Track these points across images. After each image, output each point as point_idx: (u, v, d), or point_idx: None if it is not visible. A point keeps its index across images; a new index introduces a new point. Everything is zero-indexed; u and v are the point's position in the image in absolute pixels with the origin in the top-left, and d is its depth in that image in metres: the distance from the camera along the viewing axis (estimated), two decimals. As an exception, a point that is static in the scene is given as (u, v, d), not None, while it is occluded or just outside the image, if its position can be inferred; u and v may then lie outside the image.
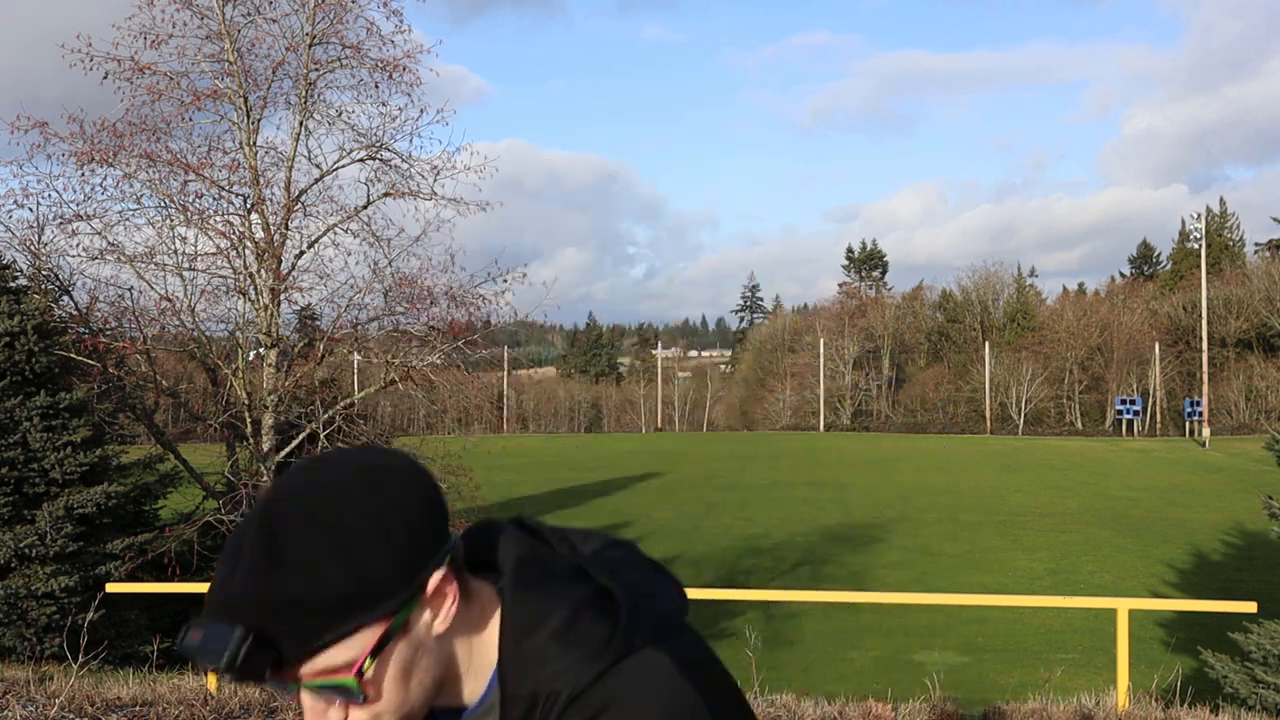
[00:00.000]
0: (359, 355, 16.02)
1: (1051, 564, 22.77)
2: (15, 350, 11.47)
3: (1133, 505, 30.52)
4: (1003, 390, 71.35)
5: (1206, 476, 36.61)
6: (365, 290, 14.27)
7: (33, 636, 10.67)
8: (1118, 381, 69.85)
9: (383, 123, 14.40)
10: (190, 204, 13.61)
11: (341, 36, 14.12)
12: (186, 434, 17.00)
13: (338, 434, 13.52)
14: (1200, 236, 60.08)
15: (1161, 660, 11.78)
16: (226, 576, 0.94)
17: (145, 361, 13.72)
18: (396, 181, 14.40)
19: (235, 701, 6.23)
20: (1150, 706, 6.28)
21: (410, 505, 0.98)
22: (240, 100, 13.83)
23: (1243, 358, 67.91)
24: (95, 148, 13.12)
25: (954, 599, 16.41)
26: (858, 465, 42.94)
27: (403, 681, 0.98)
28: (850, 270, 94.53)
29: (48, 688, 6.55)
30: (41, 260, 13.46)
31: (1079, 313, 75.42)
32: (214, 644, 0.90)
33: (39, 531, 10.98)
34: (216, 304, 13.94)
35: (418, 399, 15.18)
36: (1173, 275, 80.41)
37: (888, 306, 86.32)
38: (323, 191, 14.45)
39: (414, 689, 0.99)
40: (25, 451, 11.33)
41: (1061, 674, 9.94)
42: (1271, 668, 9.97)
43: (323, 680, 0.94)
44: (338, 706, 0.97)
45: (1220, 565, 21.84)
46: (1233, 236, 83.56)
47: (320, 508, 0.95)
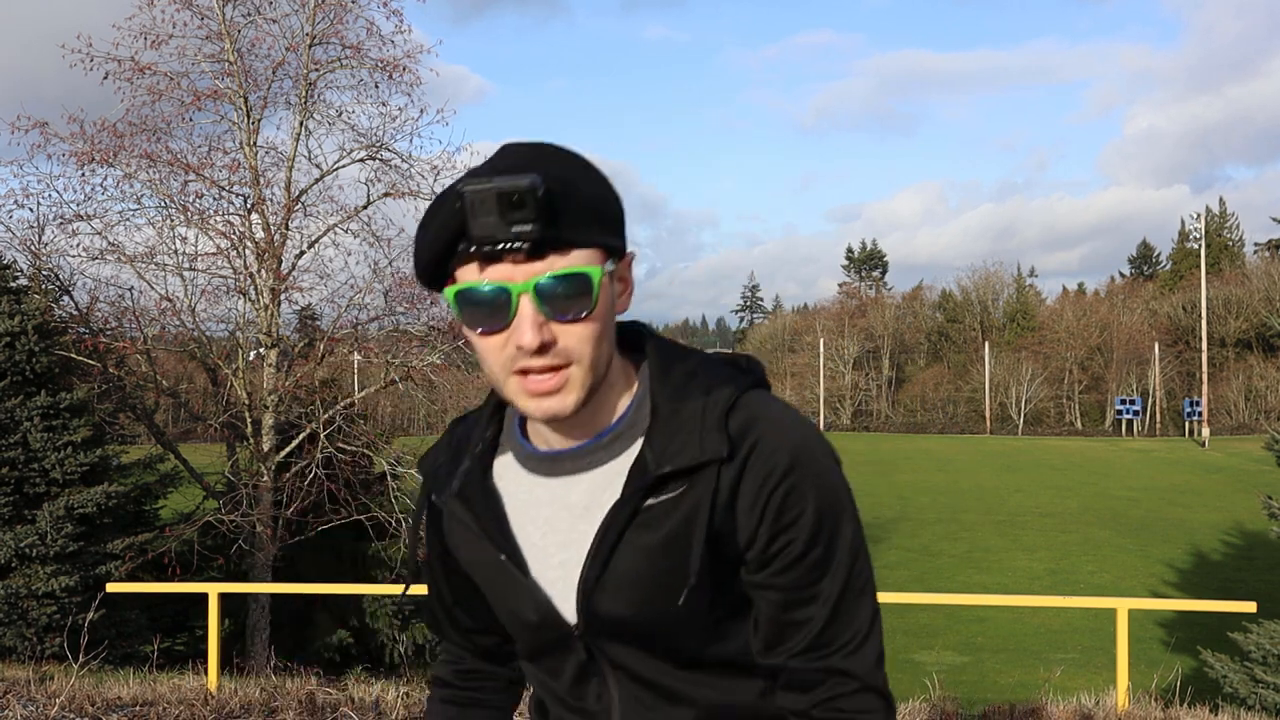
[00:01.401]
0: (359, 355, 16.02)
1: (1051, 564, 22.79)
2: (16, 350, 11.48)
3: (1133, 505, 30.54)
4: (1002, 390, 71.37)
5: (1206, 476, 36.62)
6: (365, 290, 14.28)
7: (33, 636, 10.68)
8: (1117, 381, 69.86)
9: (383, 123, 14.43)
10: (190, 204, 13.63)
11: (341, 36, 14.13)
12: (186, 434, 17.02)
13: (338, 434, 13.52)
14: (1200, 236, 60.08)
15: (1161, 660, 11.78)
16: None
17: (145, 361, 13.73)
18: (396, 181, 14.42)
19: (235, 701, 6.23)
20: (1150, 706, 6.29)
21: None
22: (240, 100, 13.83)
23: (1242, 358, 67.93)
24: (95, 148, 13.13)
25: (954, 599, 16.40)
26: (857, 465, 42.91)
27: (599, 340, 1.13)
28: (850, 270, 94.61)
29: (48, 687, 6.56)
30: (42, 260, 13.47)
31: (1079, 313, 75.44)
32: (511, 180, 1.05)
33: (39, 531, 10.99)
34: (216, 304, 13.97)
35: (418, 399, 15.19)
36: (1172, 275, 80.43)
37: (888, 306, 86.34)
38: (323, 191, 14.48)
39: (601, 356, 1.14)
40: (26, 451, 11.34)
41: (1061, 674, 9.94)
42: (1271, 668, 9.98)
43: (568, 268, 1.09)
44: (547, 326, 1.10)
45: (1220, 565, 21.86)
46: (1232, 236, 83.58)
47: (578, 158, 1.16)
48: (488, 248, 1.07)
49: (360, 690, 6.43)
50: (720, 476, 1.15)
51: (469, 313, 1.12)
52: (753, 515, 1.16)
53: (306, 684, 6.60)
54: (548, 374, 1.12)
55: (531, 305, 1.09)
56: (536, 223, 1.06)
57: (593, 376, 1.14)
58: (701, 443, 1.15)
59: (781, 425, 1.17)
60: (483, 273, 1.10)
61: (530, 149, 1.13)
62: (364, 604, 14.47)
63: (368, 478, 13.90)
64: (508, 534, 1.25)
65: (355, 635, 14.39)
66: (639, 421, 1.21)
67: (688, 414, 1.17)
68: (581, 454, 1.22)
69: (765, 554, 1.17)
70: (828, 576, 1.17)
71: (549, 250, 1.09)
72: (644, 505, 1.17)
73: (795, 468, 1.16)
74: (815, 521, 1.16)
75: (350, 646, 14.15)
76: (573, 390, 1.13)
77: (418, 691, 6.47)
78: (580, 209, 1.10)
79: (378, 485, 14.04)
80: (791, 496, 1.15)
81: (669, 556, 1.16)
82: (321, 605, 14.33)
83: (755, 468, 1.15)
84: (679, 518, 1.16)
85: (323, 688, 6.50)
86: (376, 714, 5.97)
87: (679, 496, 1.16)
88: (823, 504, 1.17)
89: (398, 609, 14.57)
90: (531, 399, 1.13)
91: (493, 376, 1.17)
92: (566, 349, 1.12)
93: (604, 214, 1.13)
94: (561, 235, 1.09)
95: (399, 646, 14.03)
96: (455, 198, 1.08)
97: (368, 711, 5.96)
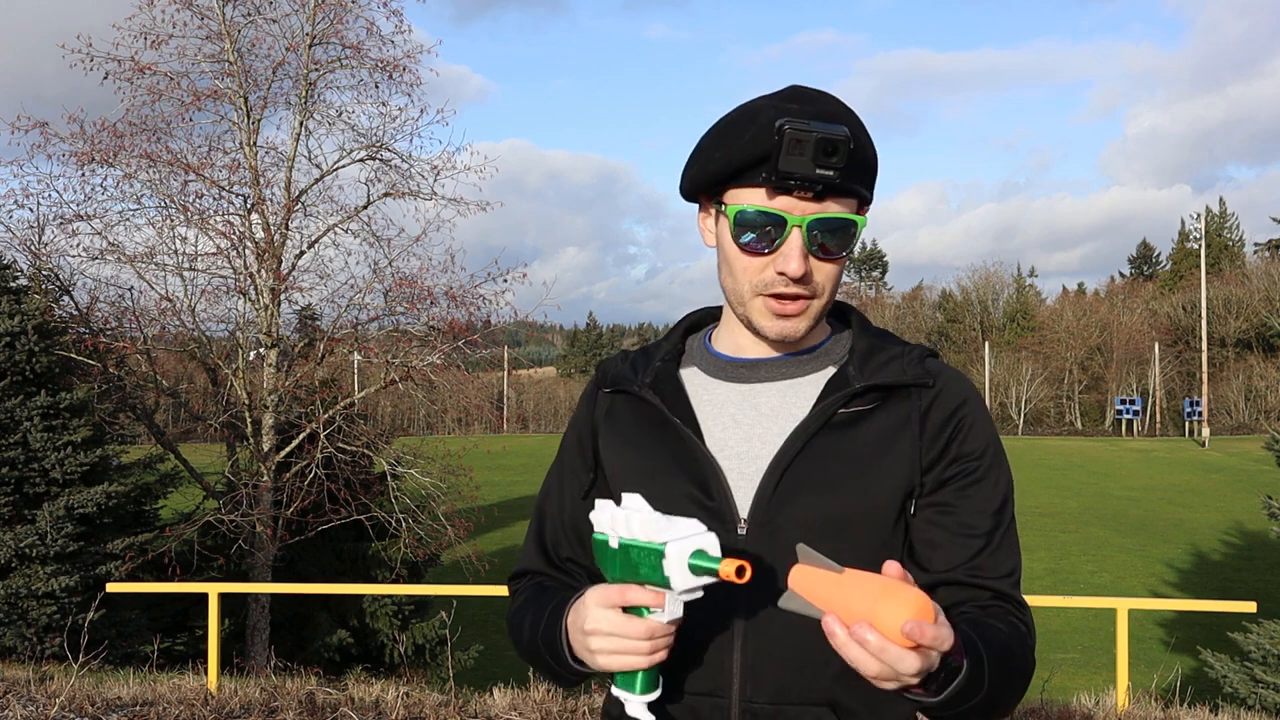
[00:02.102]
0: (359, 355, 16.02)
1: (1051, 564, 22.78)
2: (15, 350, 11.47)
3: (1132, 505, 30.53)
4: (1003, 390, 71.35)
5: (1206, 476, 36.60)
6: (365, 290, 14.27)
7: (33, 636, 10.67)
8: (1117, 381, 69.83)
9: (383, 123, 14.43)
10: (190, 204, 13.61)
11: (341, 36, 14.12)
12: (186, 434, 17.00)
13: (338, 434, 13.51)
14: (1200, 236, 60.05)
15: (1161, 660, 11.78)
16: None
17: (145, 361, 13.72)
18: (396, 181, 14.42)
19: (235, 701, 6.23)
20: (1150, 706, 6.29)
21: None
22: (240, 100, 13.83)
23: (1242, 358, 67.89)
24: (95, 148, 13.12)
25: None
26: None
27: (838, 281, 1.31)
28: (850, 270, 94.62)
29: (48, 687, 6.55)
30: (42, 260, 13.47)
31: (1079, 313, 75.40)
32: (830, 129, 1.19)
33: (39, 531, 10.98)
34: (216, 304, 13.95)
35: (418, 399, 15.18)
36: (1172, 275, 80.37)
37: (887, 307, 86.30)
38: (323, 191, 14.47)
39: (833, 296, 1.34)
40: (26, 451, 11.33)
41: (1061, 674, 9.94)
42: (1271, 667, 9.98)
43: (840, 213, 1.25)
44: (809, 259, 1.25)
45: (1220, 565, 21.85)
46: (1232, 236, 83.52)
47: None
48: (791, 182, 1.20)
49: (360, 690, 6.43)
50: (923, 397, 1.31)
51: (743, 231, 1.26)
52: (940, 438, 1.30)
53: (306, 684, 6.60)
54: (795, 301, 1.28)
55: (801, 239, 1.24)
56: (840, 171, 1.20)
57: (824, 310, 1.33)
58: (904, 369, 1.32)
59: (962, 376, 1.37)
60: (770, 200, 1.23)
61: (834, 100, 1.28)
62: (364, 604, 14.46)
63: (368, 478, 13.89)
64: (693, 419, 1.35)
65: (355, 635, 14.38)
66: (834, 351, 1.39)
67: (888, 353, 1.35)
68: (779, 364, 1.36)
69: (945, 473, 1.29)
70: (993, 512, 1.30)
71: (829, 195, 1.24)
72: (836, 414, 1.30)
73: (978, 407, 1.34)
74: (990, 454, 1.32)
75: (350, 646, 14.14)
76: (808, 318, 1.31)
77: (418, 691, 6.47)
78: (865, 165, 1.26)
79: (378, 485, 14.04)
80: (975, 428, 1.31)
81: (858, 463, 1.27)
82: (321, 605, 14.32)
83: (945, 399, 1.32)
84: (874, 429, 1.29)
85: (323, 688, 6.50)
86: (376, 714, 5.96)
87: (869, 411, 1.30)
88: (993, 443, 1.33)
89: (398, 609, 14.56)
90: (774, 319, 1.29)
91: (736, 292, 1.31)
92: (817, 283, 1.28)
93: (874, 169, 1.30)
94: (847, 185, 1.23)
95: (399, 646, 14.03)
96: (771, 128, 1.20)
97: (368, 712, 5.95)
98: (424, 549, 14.05)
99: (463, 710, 6.04)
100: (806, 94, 1.27)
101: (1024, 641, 1.25)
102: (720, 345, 1.40)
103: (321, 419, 13.28)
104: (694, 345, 1.44)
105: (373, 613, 14.56)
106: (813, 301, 1.29)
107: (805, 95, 1.27)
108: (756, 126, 1.22)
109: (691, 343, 1.45)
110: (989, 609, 1.27)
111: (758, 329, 1.31)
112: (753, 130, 1.22)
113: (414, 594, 13.32)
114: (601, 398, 1.43)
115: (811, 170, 1.18)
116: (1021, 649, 1.23)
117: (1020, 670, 1.22)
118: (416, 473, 14.22)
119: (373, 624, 14.55)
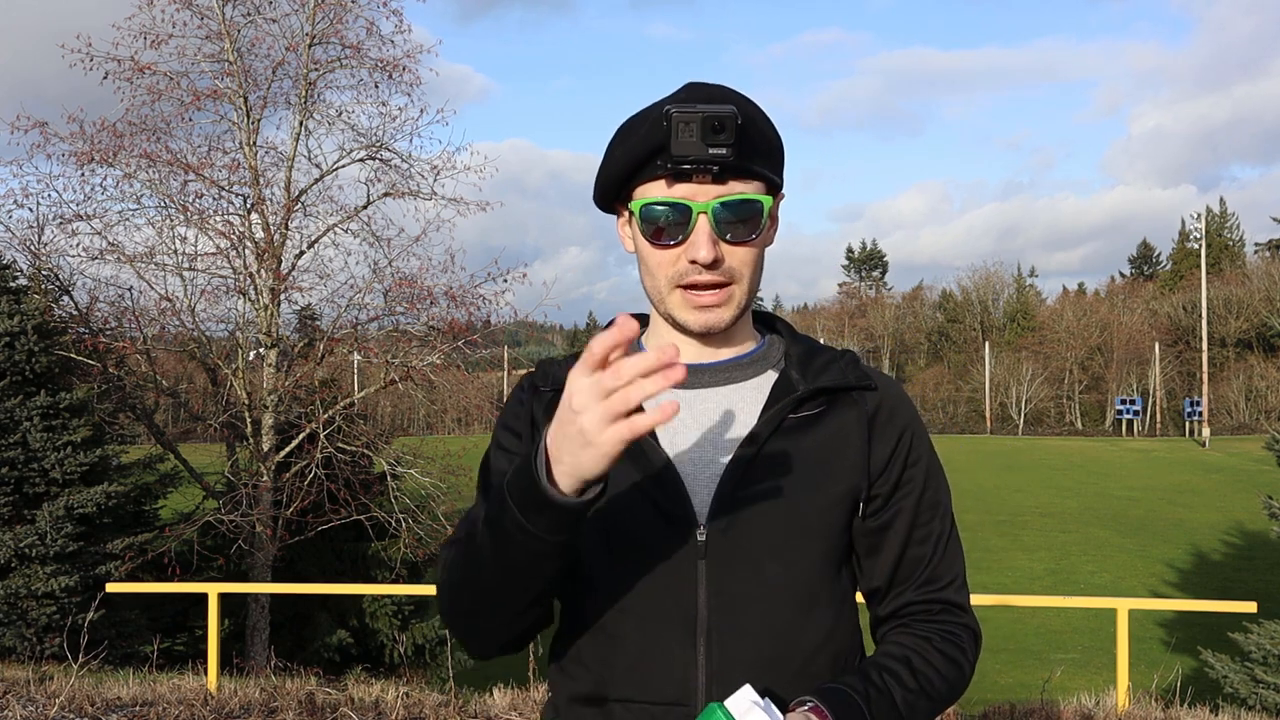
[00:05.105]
0: (359, 355, 16.02)
1: (1051, 564, 22.78)
2: (15, 350, 11.47)
3: (1133, 505, 30.53)
4: (1003, 390, 71.35)
5: (1206, 476, 36.60)
6: (365, 290, 14.27)
7: (33, 636, 10.67)
8: (1118, 381, 69.82)
9: (383, 123, 14.42)
10: (190, 204, 13.61)
11: (341, 36, 14.12)
12: (186, 434, 17.00)
13: (337, 434, 13.51)
14: (1200, 236, 60.06)
15: (1161, 660, 11.77)
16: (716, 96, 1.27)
17: (145, 361, 13.72)
18: (396, 181, 14.41)
19: (235, 701, 6.23)
20: (1150, 706, 6.28)
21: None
22: (240, 100, 13.82)
23: (1243, 358, 67.89)
24: (95, 148, 13.12)
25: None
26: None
27: (757, 264, 1.30)
28: (850, 270, 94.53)
29: (48, 687, 6.55)
30: (41, 260, 13.47)
31: (1079, 313, 75.39)
32: (715, 108, 1.19)
33: (39, 531, 10.98)
34: (216, 304, 13.95)
35: (418, 399, 15.18)
36: (1173, 275, 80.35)
37: (888, 307, 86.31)
38: (323, 191, 14.47)
39: (756, 280, 1.31)
40: (25, 451, 11.33)
41: (1061, 674, 9.95)
42: (1271, 668, 9.98)
43: (742, 194, 1.24)
44: (719, 245, 1.24)
45: (1220, 565, 21.85)
46: (1232, 236, 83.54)
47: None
48: (683, 166, 1.20)
49: (360, 690, 6.43)
50: (867, 401, 1.33)
51: (649, 225, 1.26)
52: (887, 444, 1.32)
53: (306, 684, 6.60)
54: (713, 290, 1.26)
55: (708, 223, 1.23)
56: (731, 148, 1.19)
57: (748, 298, 1.30)
58: (845, 372, 1.33)
59: (895, 381, 1.38)
60: (671, 188, 1.24)
61: (720, 87, 1.29)
62: (364, 604, 14.46)
63: (368, 478, 13.89)
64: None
65: (355, 635, 14.39)
66: (771, 356, 1.38)
67: (825, 357, 1.36)
68: (721, 369, 1.35)
69: (891, 480, 1.32)
70: (938, 517, 1.34)
71: (731, 176, 1.23)
72: (786, 419, 1.30)
73: (916, 417, 1.36)
74: (930, 464, 1.35)
75: (350, 646, 14.14)
76: (731, 307, 1.28)
77: (417, 692, 6.46)
78: (763, 143, 1.26)
79: (378, 485, 14.03)
80: (917, 438, 1.35)
81: (812, 468, 1.28)
82: (321, 605, 14.32)
83: (888, 405, 1.34)
84: (823, 434, 1.30)
85: (322, 688, 6.50)
86: (376, 715, 5.96)
87: (817, 416, 1.31)
88: (931, 452, 1.37)
89: (398, 609, 14.56)
90: (694, 311, 1.28)
91: (655, 289, 1.30)
92: (732, 268, 1.26)
93: (777, 152, 1.30)
94: (746, 164, 1.23)
95: (399, 646, 14.03)
96: (661, 118, 1.20)
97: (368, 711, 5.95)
98: (424, 549, 14.04)
99: (462, 710, 6.04)
100: (700, 85, 1.29)
101: (956, 660, 1.31)
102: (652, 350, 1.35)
103: (321, 419, 13.27)
104: (631, 350, 1.36)
105: (372, 613, 14.56)
106: (732, 288, 1.27)
107: (698, 86, 1.29)
108: (650, 121, 1.24)
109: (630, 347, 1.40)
110: (936, 620, 1.33)
111: (681, 324, 1.29)
112: (646, 125, 1.24)
113: (414, 594, 13.30)
114: (541, 396, 1.37)
115: (703, 150, 1.18)
116: (951, 670, 1.31)
117: (944, 695, 1.30)
118: (416, 473, 14.22)
119: (372, 624, 14.56)
